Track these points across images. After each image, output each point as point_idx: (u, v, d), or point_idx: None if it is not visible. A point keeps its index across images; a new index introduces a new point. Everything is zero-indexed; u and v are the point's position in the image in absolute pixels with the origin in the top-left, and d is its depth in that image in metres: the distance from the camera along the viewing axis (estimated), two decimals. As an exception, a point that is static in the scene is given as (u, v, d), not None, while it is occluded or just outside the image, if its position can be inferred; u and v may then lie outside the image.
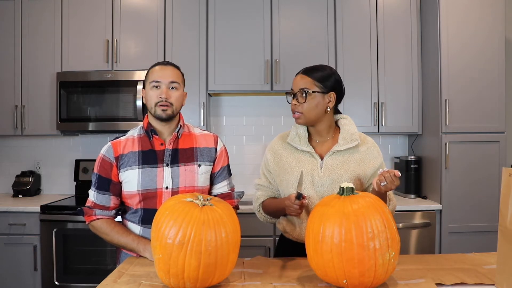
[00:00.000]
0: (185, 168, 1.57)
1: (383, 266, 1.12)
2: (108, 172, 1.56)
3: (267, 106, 3.38)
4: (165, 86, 1.54)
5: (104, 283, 1.24)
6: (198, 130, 1.69)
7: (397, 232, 1.17)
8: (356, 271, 1.11)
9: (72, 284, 2.70)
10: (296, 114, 1.54)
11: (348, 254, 1.10)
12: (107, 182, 1.56)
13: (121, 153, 1.56)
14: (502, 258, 1.16)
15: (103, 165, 1.57)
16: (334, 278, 1.15)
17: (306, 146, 1.57)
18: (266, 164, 1.67)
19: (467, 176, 2.77)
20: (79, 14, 3.06)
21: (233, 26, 3.05)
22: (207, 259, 1.13)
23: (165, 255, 1.13)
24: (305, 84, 1.52)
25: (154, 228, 1.18)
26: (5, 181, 3.38)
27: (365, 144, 1.59)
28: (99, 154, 1.58)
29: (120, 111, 2.97)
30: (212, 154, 1.64)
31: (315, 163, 1.56)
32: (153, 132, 1.57)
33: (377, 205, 1.18)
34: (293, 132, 1.62)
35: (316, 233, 1.17)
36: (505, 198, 1.14)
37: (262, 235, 2.68)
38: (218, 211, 1.19)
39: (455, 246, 2.72)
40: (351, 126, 1.59)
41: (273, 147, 1.66)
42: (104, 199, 1.57)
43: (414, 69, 3.05)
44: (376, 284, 1.15)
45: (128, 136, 1.60)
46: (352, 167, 1.54)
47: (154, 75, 1.56)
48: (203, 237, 1.12)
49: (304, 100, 1.51)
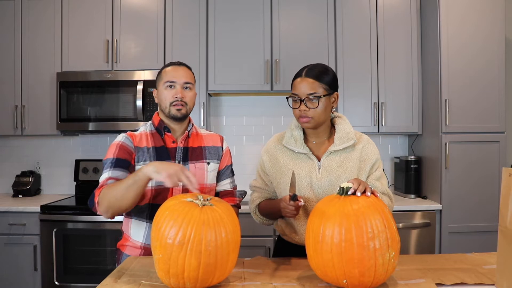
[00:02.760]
0: (195, 166, 1.60)
1: (383, 266, 1.11)
2: (128, 155, 1.52)
3: (267, 106, 3.38)
4: (180, 86, 1.56)
5: (104, 283, 1.24)
6: (203, 131, 1.74)
7: (397, 232, 1.17)
8: (356, 271, 1.11)
9: (72, 284, 2.70)
10: (305, 119, 1.49)
11: (348, 254, 1.10)
12: (127, 163, 1.51)
13: (137, 145, 1.57)
14: (502, 258, 1.16)
15: (123, 149, 1.52)
16: (334, 278, 1.15)
17: (303, 148, 1.55)
18: (262, 166, 1.65)
19: (467, 176, 2.77)
20: (79, 14, 3.06)
21: (233, 26, 3.05)
22: (207, 259, 1.12)
23: (165, 255, 1.13)
24: (314, 89, 1.47)
25: (154, 228, 1.18)
26: (5, 181, 3.38)
27: (361, 142, 1.57)
28: (115, 142, 1.54)
29: (120, 111, 2.97)
30: (219, 152, 1.69)
31: (313, 164, 1.54)
32: (165, 129, 1.60)
33: (377, 205, 1.18)
34: (288, 134, 1.59)
35: (316, 233, 1.16)
36: (505, 198, 1.14)
37: (262, 235, 2.68)
38: (218, 211, 1.19)
39: (455, 246, 2.72)
40: (347, 125, 1.57)
41: (269, 149, 1.64)
42: (122, 174, 1.48)
43: (414, 69, 3.05)
44: (376, 284, 1.15)
45: (141, 131, 1.62)
46: (350, 166, 1.52)
47: (169, 75, 1.57)
48: (203, 237, 1.12)
49: (316, 106, 1.47)
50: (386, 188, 1.55)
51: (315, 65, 1.53)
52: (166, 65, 1.64)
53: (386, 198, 1.53)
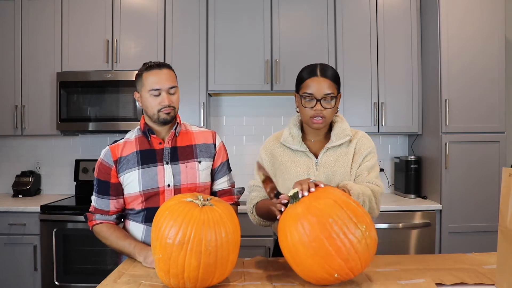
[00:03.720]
0: (186, 165, 1.58)
1: (360, 242, 1.11)
2: (107, 175, 1.56)
3: (267, 106, 3.38)
4: (165, 92, 1.53)
5: (104, 283, 1.24)
6: (195, 128, 1.69)
7: (359, 206, 1.17)
8: (339, 261, 1.10)
9: (72, 284, 2.70)
10: (320, 119, 1.49)
11: (322, 250, 1.10)
12: (107, 185, 1.56)
13: (119, 156, 1.56)
14: (502, 258, 1.16)
15: (101, 169, 1.57)
16: (326, 277, 1.14)
17: (300, 146, 1.56)
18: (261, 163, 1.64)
19: (467, 176, 2.77)
20: (79, 14, 3.06)
21: (233, 26, 3.05)
22: (207, 259, 1.12)
23: (165, 255, 1.13)
24: (331, 89, 1.48)
25: (154, 228, 1.19)
26: (5, 181, 3.38)
27: (356, 137, 1.59)
28: (98, 159, 1.59)
29: (120, 111, 2.97)
30: (211, 150, 1.65)
31: (310, 162, 1.55)
32: (150, 132, 1.58)
33: (325, 192, 1.19)
34: (286, 133, 1.60)
35: (286, 244, 1.16)
36: (505, 198, 1.14)
37: (262, 235, 2.67)
38: (218, 211, 1.19)
39: (455, 246, 2.72)
40: (343, 122, 1.59)
41: (268, 147, 1.64)
42: (104, 203, 1.57)
43: (414, 69, 3.05)
44: (366, 262, 1.14)
45: (126, 139, 1.60)
46: (345, 161, 1.54)
47: (152, 82, 1.52)
48: (203, 237, 1.12)
49: (333, 105, 1.49)
50: (373, 179, 1.53)
51: (325, 65, 1.54)
52: (145, 67, 1.56)
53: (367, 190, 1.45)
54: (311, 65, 1.54)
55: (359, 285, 1.21)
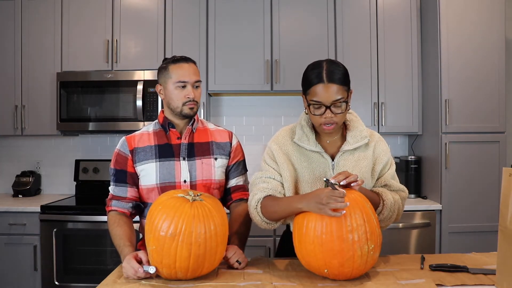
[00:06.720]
0: (202, 162, 1.59)
1: (361, 257, 1.19)
2: (124, 165, 1.59)
3: (267, 106, 3.38)
4: (191, 85, 1.56)
5: (104, 283, 1.24)
6: (212, 126, 1.71)
7: (378, 226, 1.25)
8: (336, 261, 1.19)
9: (72, 284, 2.70)
10: (331, 126, 1.39)
11: (328, 245, 1.18)
12: (124, 174, 1.59)
13: (135, 147, 1.58)
14: (502, 258, 1.16)
15: (118, 159, 1.60)
16: (316, 267, 1.23)
17: (315, 146, 1.46)
18: (270, 155, 1.50)
19: (467, 176, 2.77)
20: (79, 14, 3.06)
21: (233, 25, 3.04)
22: (197, 250, 1.21)
23: (158, 246, 1.22)
24: (339, 94, 1.38)
25: (148, 222, 1.26)
26: (5, 181, 3.38)
27: (373, 140, 1.53)
28: (115, 149, 1.61)
29: (120, 111, 2.97)
30: (227, 148, 1.66)
31: (326, 164, 1.47)
32: (170, 125, 1.60)
33: (358, 200, 1.25)
34: (300, 131, 1.49)
35: (300, 225, 1.26)
36: (505, 198, 1.14)
37: (262, 235, 2.67)
38: (208, 205, 1.28)
39: (455, 246, 2.72)
40: (358, 122, 1.53)
41: (279, 141, 1.51)
42: (121, 190, 1.59)
43: (414, 69, 3.05)
44: (355, 274, 1.22)
45: (143, 131, 1.63)
46: (364, 166, 1.47)
47: (179, 75, 1.54)
48: (194, 229, 1.21)
49: (344, 109, 1.40)
50: (399, 185, 1.53)
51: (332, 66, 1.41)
52: (172, 60, 1.58)
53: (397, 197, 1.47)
54: (317, 64, 1.42)
55: (359, 284, 1.21)
